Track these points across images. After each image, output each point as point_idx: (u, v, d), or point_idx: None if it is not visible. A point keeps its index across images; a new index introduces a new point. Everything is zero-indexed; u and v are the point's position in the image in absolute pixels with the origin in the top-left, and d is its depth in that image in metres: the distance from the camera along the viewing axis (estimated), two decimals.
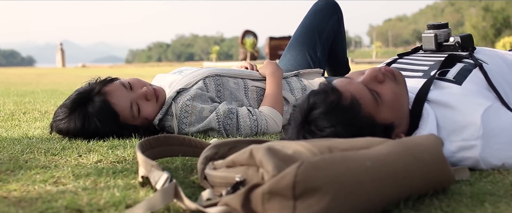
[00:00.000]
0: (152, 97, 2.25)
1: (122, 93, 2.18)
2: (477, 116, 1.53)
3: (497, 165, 1.52)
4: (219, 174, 1.27)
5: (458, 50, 1.88)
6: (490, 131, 1.51)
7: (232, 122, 2.23)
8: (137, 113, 2.20)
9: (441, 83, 1.69)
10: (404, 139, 1.26)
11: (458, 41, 1.88)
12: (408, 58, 1.95)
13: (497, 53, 1.94)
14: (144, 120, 2.24)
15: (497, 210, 1.11)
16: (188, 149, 1.63)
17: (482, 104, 1.57)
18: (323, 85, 1.48)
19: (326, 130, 1.39)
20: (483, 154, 1.51)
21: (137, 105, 2.20)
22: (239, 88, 2.44)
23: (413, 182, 1.17)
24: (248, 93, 2.45)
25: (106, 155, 1.75)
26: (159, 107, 2.28)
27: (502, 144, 1.52)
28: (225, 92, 2.39)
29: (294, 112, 1.48)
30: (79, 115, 2.10)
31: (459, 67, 1.74)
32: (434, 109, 1.60)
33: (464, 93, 1.63)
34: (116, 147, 1.89)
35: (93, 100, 2.11)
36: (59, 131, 2.15)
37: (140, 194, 1.26)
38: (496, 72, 1.76)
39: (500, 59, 1.87)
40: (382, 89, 1.50)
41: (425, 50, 1.97)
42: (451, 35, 1.93)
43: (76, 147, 1.91)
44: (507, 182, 1.37)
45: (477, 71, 1.72)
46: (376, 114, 1.46)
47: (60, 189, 1.29)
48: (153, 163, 1.32)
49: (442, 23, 1.95)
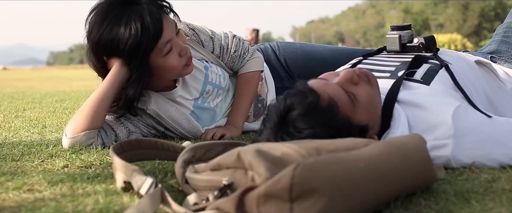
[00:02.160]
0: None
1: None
2: (448, 116, 1.56)
3: (468, 163, 1.56)
4: (204, 178, 1.24)
5: (422, 51, 1.92)
6: (460, 130, 1.55)
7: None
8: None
9: (409, 83, 1.71)
10: (390, 139, 1.27)
11: (422, 42, 1.91)
12: (373, 59, 1.97)
13: (458, 54, 1.99)
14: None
15: (486, 207, 1.13)
16: (160, 152, 1.59)
17: (452, 104, 1.60)
18: (300, 86, 1.47)
19: (305, 131, 1.38)
20: (455, 153, 1.54)
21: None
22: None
23: (402, 182, 1.18)
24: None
25: (71, 160, 1.69)
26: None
27: (472, 143, 1.55)
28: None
29: (270, 113, 1.46)
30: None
31: (425, 67, 1.78)
32: (405, 109, 1.63)
33: (433, 93, 1.66)
34: (79, 152, 1.83)
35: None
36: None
37: (124, 199, 1.22)
38: (460, 72, 1.80)
39: (461, 60, 1.91)
40: (357, 90, 1.51)
41: (389, 51, 2.00)
42: (414, 36, 1.97)
43: (36, 153, 1.83)
44: (483, 179, 1.40)
45: (443, 72, 1.76)
46: (352, 115, 1.46)
47: (38, 197, 1.23)
48: (135, 168, 1.28)
49: (405, 25, 1.98)
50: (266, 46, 2.73)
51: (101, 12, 1.99)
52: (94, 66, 2.09)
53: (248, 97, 2.45)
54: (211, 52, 2.37)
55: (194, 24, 2.36)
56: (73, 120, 2.00)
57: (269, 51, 2.71)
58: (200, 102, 2.33)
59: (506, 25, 2.29)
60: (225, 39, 2.42)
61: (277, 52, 2.71)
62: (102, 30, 1.96)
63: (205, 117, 2.36)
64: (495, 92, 1.93)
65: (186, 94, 2.28)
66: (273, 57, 2.69)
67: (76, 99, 4.93)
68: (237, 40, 2.46)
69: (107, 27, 1.95)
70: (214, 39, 2.37)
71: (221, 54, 2.39)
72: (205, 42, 2.35)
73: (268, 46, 2.74)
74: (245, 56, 2.45)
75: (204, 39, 2.35)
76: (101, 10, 1.99)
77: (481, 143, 1.56)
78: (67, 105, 4.17)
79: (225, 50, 2.40)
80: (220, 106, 2.43)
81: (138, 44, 1.95)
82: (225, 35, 2.44)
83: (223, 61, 2.41)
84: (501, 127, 1.59)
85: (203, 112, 2.35)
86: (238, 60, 2.43)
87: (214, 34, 2.40)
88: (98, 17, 1.98)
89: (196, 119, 2.31)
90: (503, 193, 1.25)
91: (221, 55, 2.39)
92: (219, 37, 2.40)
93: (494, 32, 2.38)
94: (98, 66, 2.07)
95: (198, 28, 2.35)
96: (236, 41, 2.44)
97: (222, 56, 2.40)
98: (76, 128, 1.96)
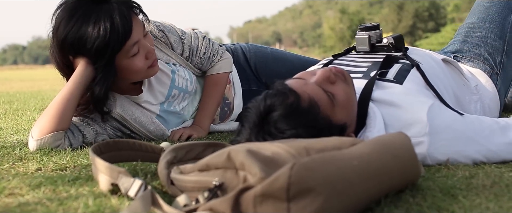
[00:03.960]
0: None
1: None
2: (423, 114, 1.59)
3: (442, 160, 1.59)
4: (192, 179, 1.23)
5: (391, 51, 1.95)
6: (435, 128, 1.58)
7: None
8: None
9: (382, 83, 1.74)
10: (377, 138, 1.28)
11: (392, 42, 1.94)
12: (343, 59, 1.99)
13: (426, 53, 2.03)
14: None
15: (474, 203, 1.16)
16: (138, 153, 1.56)
17: (426, 102, 1.63)
18: (279, 86, 1.47)
19: (287, 132, 1.38)
20: (430, 150, 1.57)
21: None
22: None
23: (392, 180, 1.20)
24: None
25: (43, 162, 1.65)
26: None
27: (446, 140, 1.59)
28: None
29: (249, 113, 1.44)
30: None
31: (397, 67, 1.81)
32: (379, 108, 1.65)
33: (406, 92, 1.69)
34: (49, 155, 1.78)
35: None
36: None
37: (112, 202, 1.20)
38: (430, 71, 1.84)
39: (430, 59, 1.95)
40: (335, 90, 1.52)
41: (359, 51, 2.02)
42: (382, 36, 2.00)
43: (4, 156, 1.78)
44: (461, 176, 1.43)
45: (415, 71, 1.79)
46: (332, 115, 1.47)
47: (22, 201, 1.20)
48: (121, 170, 1.26)
49: (373, 25, 2.01)
50: (236, 47, 2.72)
51: (69, 9, 1.94)
52: (57, 64, 2.03)
53: (216, 99, 2.44)
54: (180, 55, 2.35)
55: (164, 23, 2.32)
56: (39, 122, 1.94)
57: (239, 53, 2.70)
58: (166, 106, 2.31)
59: (467, 25, 2.35)
60: (195, 40, 2.39)
61: (248, 55, 2.70)
62: (69, 27, 1.91)
63: (172, 120, 2.34)
64: (461, 90, 1.98)
65: (152, 99, 2.25)
66: (243, 59, 2.69)
67: (24, 100, 4.79)
68: (207, 41, 2.44)
69: (75, 25, 1.91)
70: (184, 40, 2.35)
71: (190, 56, 2.37)
72: (175, 44, 2.32)
73: (239, 47, 2.73)
74: (214, 57, 2.43)
75: (174, 40, 2.31)
76: (69, 6, 1.95)
77: (455, 141, 1.60)
78: (17, 106, 4.06)
79: (194, 52, 2.37)
80: (187, 110, 2.41)
81: (106, 44, 1.91)
82: (195, 36, 2.41)
83: (192, 63, 2.39)
84: (472, 125, 1.64)
85: (169, 115, 2.32)
86: (207, 62, 2.41)
87: (184, 34, 2.36)
88: (66, 14, 1.94)
89: (163, 122, 2.28)
90: (485, 189, 1.28)
91: (190, 57, 2.37)
92: (189, 38, 2.37)
93: (428, 32, 2.45)
94: (61, 64, 2.02)
95: (168, 29, 2.32)
96: (206, 43, 2.42)
97: (191, 58, 2.38)
98: (43, 130, 1.91)
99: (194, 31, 2.46)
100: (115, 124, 2.17)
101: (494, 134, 1.64)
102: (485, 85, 2.14)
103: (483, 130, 1.63)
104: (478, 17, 2.34)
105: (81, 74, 1.95)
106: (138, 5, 2.05)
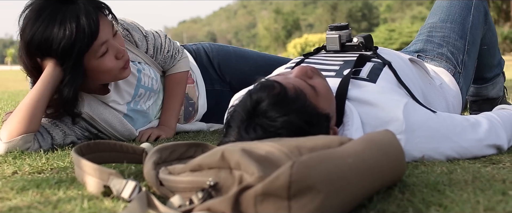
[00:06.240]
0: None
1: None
2: (399, 112, 1.63)
3: (418, 157, 1.64)
4: (184, 179, 1.23)
5: (361, 50, 1.98)
6: (411, 125, 1.62)
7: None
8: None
9: (356, 81, 1.77)
10: (367, 136, 1.30)
11: (362, 42, 1.98)
12: (314, 58, 2.01)
13: (393, 52, 2.08)
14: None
15: (462, 198, 1.19)
16: (120, 155, 1.54)
17: (400, 101, 1.67)
18: (263, 82, 1.46)
19: (279, 119, 1.35)
20: (406, 147, 1.60)
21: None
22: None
23: (384, 176, 1.22)
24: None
25: (18, 166, 1.60)
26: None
27: (422, 138, 1.63)
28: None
29: (235, 113, 1.43)
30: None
31: (369, 66, 1.84)
32: (356, 107, 1.68)
33: (381, 91, 1.73)
34: (21, 157, 1.74)
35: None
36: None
37: (106, 204, 1.18)
38: (400, 70, 1.88)
39: (398, 58, 2.00)
40: (314, 82, 1.53)
41: (329, 51, 2.05)
42: (352, 35, 2.03)
43: None
44: (440, 172, 1.47)
45: (387, 69, 1.83)
46: (317, 104, 1.48)
47: (11, 205, 1.16)
48: (112, 171, 1.24)
49: (343, 24, 2.04)
50: (198, 47, 2.72)
51: (36, 9, 1.91)
52: (25, 65, 1.99)
53: (180, 98, 2.44)
54: (145, 52, 2.33)
55: (127, 22, 2.30)
56: (8, 124, 1.90)
57: (202, 53, 2.69)
58: (133, 105, 2.29)
59: (429, 25, 2.41)
60: (157, 38, 2.38)
61: (210, 54, 2.70)
62: (35, 28, 1.88)
63: (139, 119, 2.33)
64: (427, 88, 2.03)
65: (119, 99, 2.23)
66: (206, 59, 2.68)
67: None
68: (169, 40, 2.44)
69: (41, 26, 1.87)
70: (148, 38, 2.34)
71: (155, 54, 2.36)
72: (139, 42, 2.31)
73: (201, 47, 2.72)
74: (176, 56, 2.43)
75: (138, 38, 2.30)
76: (36, 7, 1.91)
77: (430, 138, 1.64)
78: None
79: (159, 50, 2.37)
80: (152, 109, 2.39)
81: (72, 45, 1.88)
82: (157, 35, 2.40)
83: (156, 61, 2.38)
84: (445, 122, 1.69)
85: (137, 114, 2.31)
86: (170, 60, 2.41)
87: (147, 33, 2.36)
88: (33, 14, 1.90)
89: (130, 122, 2.26)
90: (468, 184, 1.32)
91: (155, 55, 2.36)
92: (152, 36, 2.36)
93: (361, 32, 2.51)
94: (29, 66, 1.98)
95: (132, 27, 2.30)
96: (168, 41, 2.42)
97: (156, 56, 2.37)
98: (12, 132, 1.87)
99: (155, 31, 2.45)
100: (83, 124, 2.14)
101: (466, 131, 1.69)
102: (448, 84, 2.20)
103: (455, 127, 1.69)
104: (439, 17, 2.40)
105: (50, 75, 1.92)
106: (106, 5, 2.03)
